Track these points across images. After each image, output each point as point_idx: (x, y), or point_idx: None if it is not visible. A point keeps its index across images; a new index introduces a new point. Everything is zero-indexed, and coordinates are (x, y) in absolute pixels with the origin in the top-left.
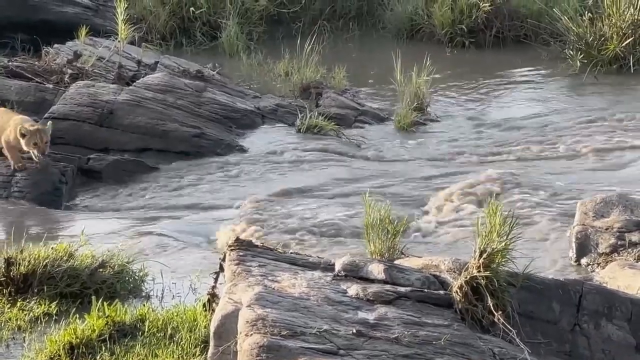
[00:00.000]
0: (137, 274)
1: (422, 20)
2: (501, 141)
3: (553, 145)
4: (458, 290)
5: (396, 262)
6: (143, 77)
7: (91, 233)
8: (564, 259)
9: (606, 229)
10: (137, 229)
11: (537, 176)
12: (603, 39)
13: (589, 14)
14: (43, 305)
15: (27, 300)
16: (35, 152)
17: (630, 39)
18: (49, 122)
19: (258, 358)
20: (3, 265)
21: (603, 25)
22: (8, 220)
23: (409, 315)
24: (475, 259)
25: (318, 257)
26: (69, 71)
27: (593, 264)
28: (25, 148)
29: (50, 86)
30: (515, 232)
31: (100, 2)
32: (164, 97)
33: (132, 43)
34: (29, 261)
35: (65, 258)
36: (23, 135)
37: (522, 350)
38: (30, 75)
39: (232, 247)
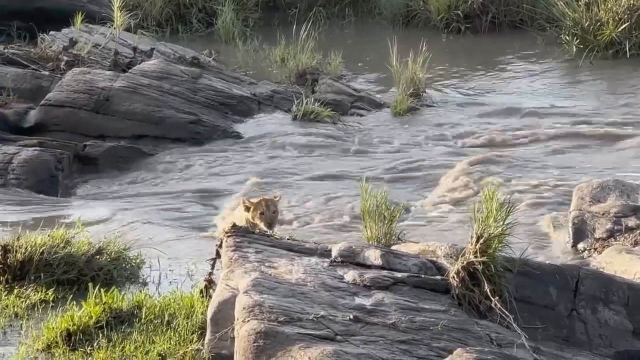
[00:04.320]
0: (133, 261)
1: (417, 6)
2: (497, 126)
3: (549, 130)
4: (455, 276)
5: (393, 247)
6: (139, 63)
7: (88, 220)
8: (560, 244)
9: (603, 214)
10: (134, 216)
11: (533, 161)
12: (599, 24)
13: None
14: (40, 292)
15: (24, 288)
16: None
17: (626, 23)
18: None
19: (255, 344)
20: (0, 253)
21: (599, 10)
22: (4, 207)
23: (406, 300)
24: (472, 244)
25: (315, 243)
26: (65, 58)
27: (590, 249)
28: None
29: (46, 73)
30: (511, 218)
31: None
32: (160, 83)
33: (127, 30)
34: (26, 248)
35: (62, 245)
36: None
37: (519, 336)
38: (26, 63)
39: (229, 234)
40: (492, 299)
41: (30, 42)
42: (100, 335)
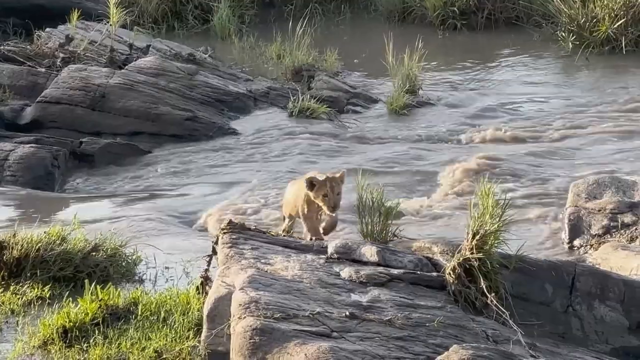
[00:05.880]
0: (130, 258)
1: (413, 3)
2: (493, 123)
3: (545, 127)
4: (451, 272)
5: (389, 244)
6: (135, 60)
7: (84, 216)
8: (556, 240)
9: (599, 211)
10: (130, 213)
11: (529, 158)
12: (595, 20)
13: None
14: (36, 289)
15: (20, 284)
16: (325, 206)
17: (622, 20)
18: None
19: (251, 341)
20: None
21: (595, 7)
22: (0, 204)
23: (402, 297)
24: (468, 240)
25: (310, 239)
26: (61, 55)
27: (586, 246)
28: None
29: (43, 70)
30: (507, 214)
31: None
32: (156, 80)
33: (124, 26)
34: (22, 245)
35: (58, 242)
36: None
37: (516, 332)
38: (22, 59)
39: (225, 230)
40: (488, 296)
41: (27, 39)
42: (96, 332)
